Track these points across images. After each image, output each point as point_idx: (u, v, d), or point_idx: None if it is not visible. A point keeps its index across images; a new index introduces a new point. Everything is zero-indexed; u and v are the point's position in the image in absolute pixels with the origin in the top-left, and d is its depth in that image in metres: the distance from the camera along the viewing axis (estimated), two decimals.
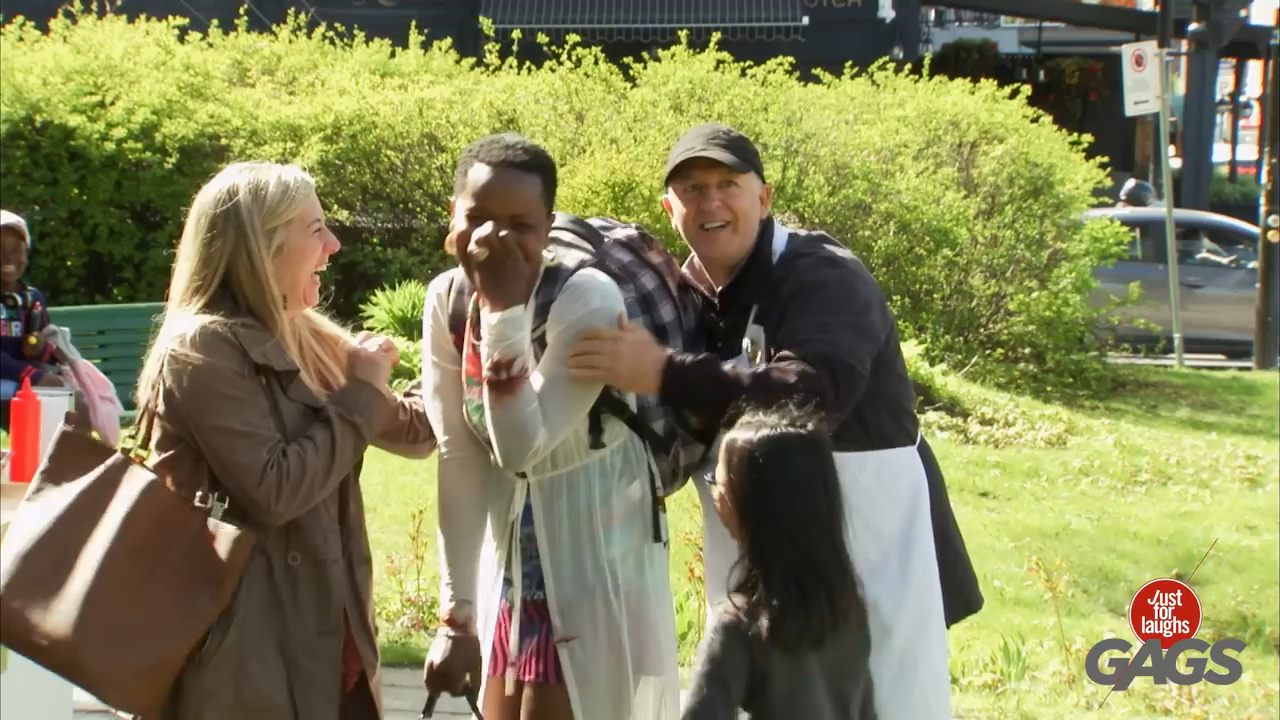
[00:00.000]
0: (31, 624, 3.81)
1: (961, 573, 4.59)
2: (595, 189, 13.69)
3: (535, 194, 3.99)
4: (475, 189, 3.99)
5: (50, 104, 15.61)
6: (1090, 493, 11.60)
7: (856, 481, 4.31)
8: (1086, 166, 17.35)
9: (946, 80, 18.07)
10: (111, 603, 3.80)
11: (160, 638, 3.81)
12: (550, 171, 4.07)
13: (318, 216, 4.03)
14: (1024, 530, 10.19)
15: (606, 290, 4.06)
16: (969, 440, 12.77)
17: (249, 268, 3.94)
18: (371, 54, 19.13)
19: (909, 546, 4.39)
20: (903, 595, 4.37)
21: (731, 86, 16.28)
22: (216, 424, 3.83)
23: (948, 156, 16.80)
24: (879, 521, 4.36)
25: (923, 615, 4.40)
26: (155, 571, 3.83)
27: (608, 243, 4.30)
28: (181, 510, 3.87)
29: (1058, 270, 16.51)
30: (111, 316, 11.60)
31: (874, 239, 15.70)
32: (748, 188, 4.45)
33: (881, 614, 4.30)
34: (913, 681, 4.36)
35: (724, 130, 4.52)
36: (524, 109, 16.06)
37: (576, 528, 4.10)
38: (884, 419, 4.42)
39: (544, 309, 4.04)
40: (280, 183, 3.97)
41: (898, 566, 4.37)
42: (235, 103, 16.54)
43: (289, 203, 3.96)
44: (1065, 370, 16.19)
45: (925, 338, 15.14)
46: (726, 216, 4.41)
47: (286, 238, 3.96)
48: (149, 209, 15.83)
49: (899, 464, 4.44)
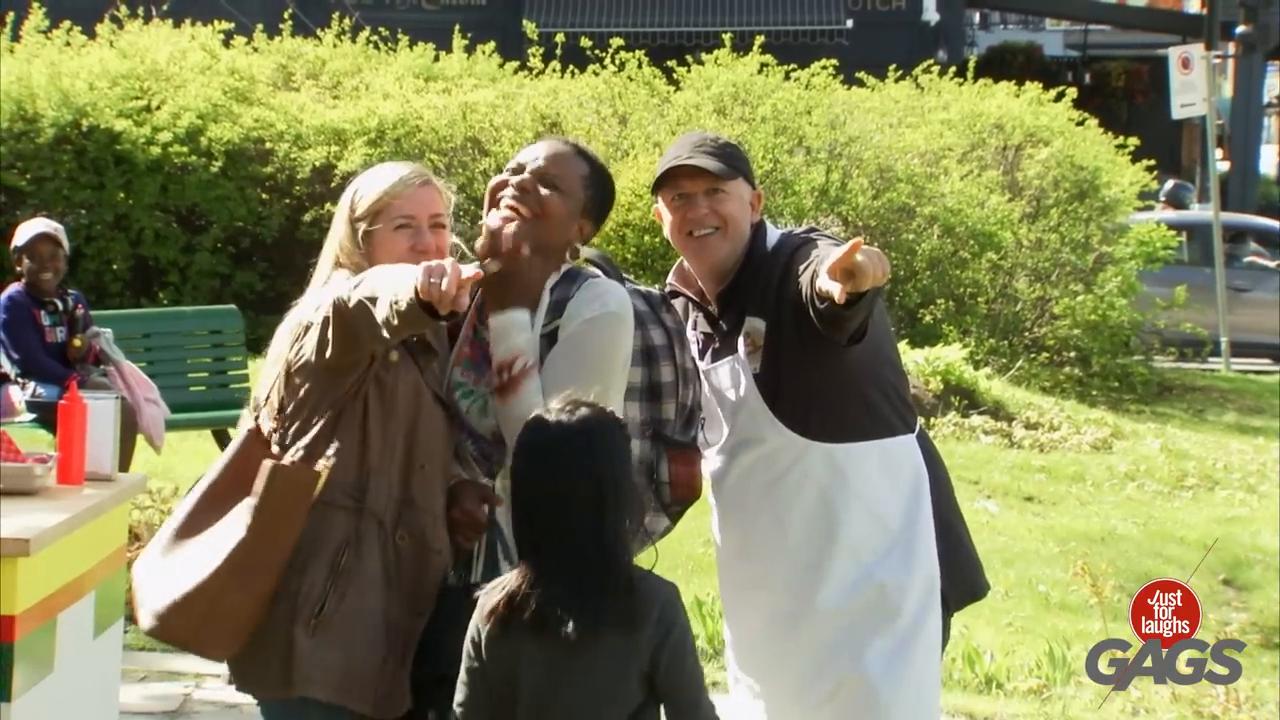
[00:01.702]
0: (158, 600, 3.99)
1: (964, 559, 4.60)
2: (638, 193, 13.68)
3: (577, 172, 4.15)
4: (525, 149, 4.24)
5: (96, 108, 15.71)
6: (1136, 497, 11.54)
7: (862, 473, 4.39)
8: (1132, 170, 17.27)
9: (991, 83, 18.01)
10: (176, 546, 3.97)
11: (195, 568, 3.92)
12: (598, 170, 4.20)
13: (407, 214, 4.11)
14: (1069, 535, 10.14)
15: (623, 299, 4.10)
16: (1014, 444, 12.72)
17: (346, 251, 4.11)
18: (415, 58, 19.18)
19: (913, 532, 4.42)
20: (908, 580, 4.40)
21: (775, 90, 16.26)
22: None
23: (992, 160, 16.74)
24: (883, 510, 4.41)
25: (925, 600, 4.43)
26: (219, 513, 3.97)
27: (629, 286, 4.30)
28: (258, 458, 3.96)
29: (1103, 274, 16.44)
30: (156, 320, 11.66)
31: (918, 242, 15.66)
32: (736, 193, 4.45)
33: (889, 597, 4.37)
34: (909, 664, 4.39)
35: (711, 138, 4.54)
36: (567, 112, 16.07)
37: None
38: (884, 407, 4.44)
39: (559, 306, 4.08)
40: (372, 177, 4.16)
41: (902, 554, 4.41)
42: (280, 106, 16.61)
43: (374, 197, 4.11)
44: (1111, 374, 16.12)
45: (970, 341, 15.09)
46: (715, 222, 4.42)
47: (372, 229, 4.09)
48: (194, 212, 15.91)
49: (901, 452, 4.46)
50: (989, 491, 11.15)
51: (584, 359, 4.01)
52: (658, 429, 4.28)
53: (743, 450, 4.47)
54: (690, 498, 4.37)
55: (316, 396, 3.99)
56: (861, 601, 4.37)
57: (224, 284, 15.70)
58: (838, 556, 4.38)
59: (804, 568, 4.40)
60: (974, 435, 12.69)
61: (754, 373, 4.40)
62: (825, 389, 4.37)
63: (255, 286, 15.63)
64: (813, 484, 4.39)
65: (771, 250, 4.44)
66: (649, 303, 4.30)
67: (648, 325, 4.25)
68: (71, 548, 4.64)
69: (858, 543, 4.39)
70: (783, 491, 4.42)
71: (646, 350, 4.24)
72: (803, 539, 4.41)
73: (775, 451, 4.41)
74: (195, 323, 11.44)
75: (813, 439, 4.38)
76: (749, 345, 4.39)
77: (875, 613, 4.37)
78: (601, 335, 4.05)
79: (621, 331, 4.08)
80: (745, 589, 4.57)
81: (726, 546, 4.63)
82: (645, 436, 4.25)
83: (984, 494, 11.04)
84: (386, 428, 3.98)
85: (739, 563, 4.59)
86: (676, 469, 4.29)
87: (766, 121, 15.68)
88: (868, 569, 4.38)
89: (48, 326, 8.92)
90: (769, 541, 4.46)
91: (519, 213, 4.10)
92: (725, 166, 4.41)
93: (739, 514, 4.53)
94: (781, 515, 4.42)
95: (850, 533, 4.38)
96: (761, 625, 4.53)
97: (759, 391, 4.39)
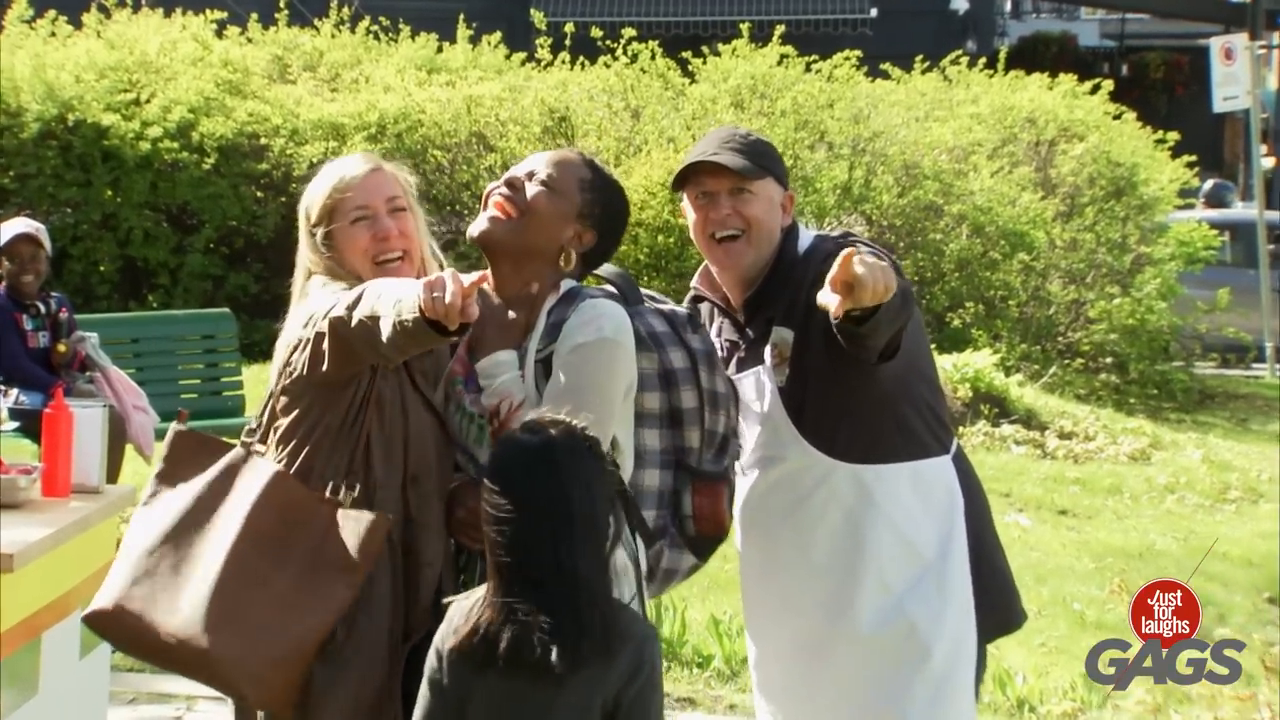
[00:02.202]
0: (155, 625, 3.91)
1: (998, 588, 4.53)
2: (651, 190, 13.69)
3: (575, 174, 4.12)
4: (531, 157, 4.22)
5: (83, 102, 15.74)
6: (1176, 511, 11.52)
7: (893, 495, 4.33)
8: (1172, 166, 17.25)
9: (1023, 75, 18.01)
10: (240, 595, 3.89)
11: (292, 626, 3.88)
12: (603, 178, 4.16)
13: (361, 204, 4.14)
14: (1105, 550, 10.13)
15: (619, 323, 4.02)
16: (1047, 455, 12.70)
17: (314, 261, 4.16)
18: (417, 49, 19.21)
19: (946, 562, 4.37)
20: (941, 614, 4.35)
21: (795, 82, 16.26)
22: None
23: (1024, 155, 16.73)
24: (916, 537, 4.35)
25: (960, 635, 4.39)
26: (284, 562, 3.93)
27: (646, 307, 4.24)
28: (309, 501, 3.97)
29: (1141, 275, 16.42)
30: (146, 324, 11.67)
31: (946, 242, 15.66)
32: (763, 194, 4.38)
33: (920, 634, 4.31)
34: (949, 707, 4.35)
35: (741, 134, 4.47)
36: (577, 106, 16.08)
37: None
38: (918, 426, 4.38)
39: (555, 329, 4.02)
40: (319, 180, 4.21)
41: (935, 584, 4.35)
42: (275, 100, 16.64)
43: (324, 197, 4.17)
44: (1149, 381, 16.09)
45: (1000, 347, 15.07)
46: (738, 225, 4.37)
47: (331, 229, 4.14)
48: (185, 211, 15.94)
49: (934, 474, 4.41)
50: (1021, 505, 11.14)
51: (576, 389, 3.92)
52: (681, 458, 4.22)
53: (765, 467, 4.43)
54: (717, 534, 4.29)
55: (316, 413, 4.01)
56: (891, 635, 4.33)
57: (217, 286, 15.72)
58: (865, 584, 4.33)
59: (829, 594, 4.36)
60: (1005, 445, 12.68)
61: (779, 386, 4.35)
62: (854, 406, 4.31)
63: (249, 289, 15.65)
64: (838, 506, 4.34)
65: (803, 255, 4.38)
66: (671, 323, 4.23)
67: (666, 347, 4.18)
68: (57, 563, 4.65)
69: (886, 570, 4.34)
70: (807, 513, 4.38)
71: (665, 374, 4.18)
72: (828, 563, 4.36)
73: (799, 470, 4.37)
74: (186, 327, 11.46)
75: (839, 458, 4.33)
76: (775, 357, 4.34)
77: (906, 650, 4.32)
78: (594, 362, 3.97)
79: (617, 357, 4.00)
80: (768, 611, 4.56)
81: (748, 566, 4.60)
82: (667, 466, 4.20)
83: (1015, 507, 11.03)
84: (388, 441, 4.00)
85: (761, 583, 4.57)
86: (700, 502, 4.23)
87: (786, 115, 15.68)
88: (897, 599, 4.33)
89: (30, 331, 8.94)
90: (792, 564, 4.42)
91: (505, 211, 4.08)
92: (752, 165, 4.35)
93: (761, 533, 4.50)
94: (805, 538, 4.38)
95: (878, 559, 4.33)
96: (786, 649, 4.51)
97: (783, 406, 4.34)
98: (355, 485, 3.97)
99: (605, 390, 3.96)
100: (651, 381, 4.15)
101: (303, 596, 3.90)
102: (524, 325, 4.06)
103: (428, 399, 4.08)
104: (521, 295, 4.09)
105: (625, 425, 4.04)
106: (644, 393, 4.12)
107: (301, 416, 4.03)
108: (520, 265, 4.08)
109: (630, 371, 4.04)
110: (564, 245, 4.11)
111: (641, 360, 4.10)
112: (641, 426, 4.15)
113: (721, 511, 4.26)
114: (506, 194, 4.10)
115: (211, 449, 4.11)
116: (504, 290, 4.10)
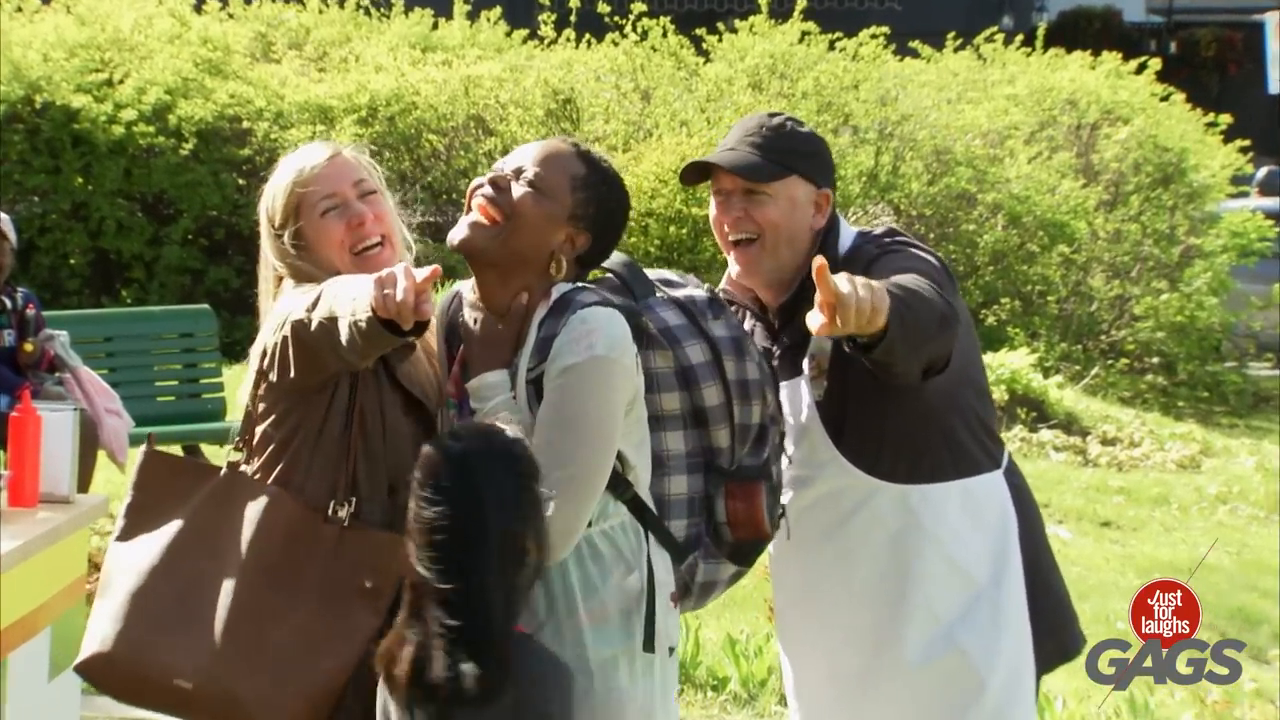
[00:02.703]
0: (167, 666, 3.89)
1: (1056, 612, 4.48)
2: (663, 178, 13.71)
3: (567, 172, 4.01)
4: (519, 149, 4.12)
5: (51, 82, 15.76)
6: (1228, 523, 11.51)
7: (941, 516, 4.28)
8: (1224, 151, 17.24)
9: (1063, 53, 18.01)
10: (258, 630, 3.88)
11: (319, 659, 3.87)
12: (599, 173, 4.06)
13: (328, 194, 4.13)
14: (1152, 565, 10.12)
15: (612, 336, 3.87)
16: (1089, 463, 12.70)
17: (284, 268, 4.14)
18: (411, 25, 19.24)
19: (1000, 587, 4.32)
20: (996, 643, 4.31)
21: (818, 61, 16.27)
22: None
23: (1064, 140, 16.73)
24: (967, 561, 4.30)
25: (1017, 665, 4.35)
26: (297, 593, 3.92)
27: (657, 299, 4.13)
28: (311, 524, 3.96)
29: (1191, 269, 16.41)
30: (119, 322, 11.66)
31: (979, 234, 15.65)
32: (782, 196, 4.28)
33: (973, 665, 4.27)
34: None
35: (773, 125, 4.36)
36: (583, 87, 16.10)
37: (555, 615, 3.93)
38: (967, 440, 4.32)
39: (545, 344, 3.90)
40: (276, 180, 4.19)
41: (989, 612, 4.31)
42: (258, 81, 16.67)
43: (285, 196, 4.16)
44: (1199, 383, 16.09)
45: (1038, 346, 15.08)
46: (750, 230, 4.30)
47: (300, 227, 4.13)
48: (162, 200, 15.95)
49: (985, 492, 4.35)
50: (1060, 516, 11.14)
51: (570, 420, 3.84)
52: (710, 459, 4.14)
53: (801, 486, 4.36)
54: (758, 539, 4.20)
55: (293, 421, 4.01)
56: (942, 668, 4.29)
57: (195, 281, 15.73)
58: (912, 613, 4.29)
59: (873, 624, 4.33)
60: (1043, 452, 12.68)
61: (817, 400, 4.29)
62: (898, 422, 4.25)
63: (231, 284, 15.65)
64: (882, 530, 4.29)
65: (844, 258, 4.26)
66: (688, 312, 4.11)
67: (683, 343, 4.07)
68: (24, 579, 4.65)
69: (935, 597, 4.29)
70: (847, 536, 4.33)
71: (682, 372, 4.07)
72: (871, 591, 4.32)
73: (839, 491, 4.32)
74: (163, 324, 11.45)
75: (883, 479, 4.27)
76: (813, 369, 4.28)
77: (959, 683, 4.28)
78: (586, 385, 3.84)
79: (613, 375, 3.86)
80: (807, 638, 4.52)
81: (783, 590, 4.57)
82: (695, 470, 4.13)
83: (1055, 519, 11.02)
84: (371, 453, 4.00)
85: (796, 609, 4.54)
86: (734, 507, 4.13)
87: (808, 97, 15.69)
88: (947, 629, 4.29)
89: None
90: (831, 591, 4.39)
91: (488, 216, 3.97)
92: (768, 164, 4.26)
93: (797, 556, 4.45)
94: (845, 563, 4.34)
95: (926, 586, 4.28)
96: (825, 681, 4.48)
97: (822, 422, 4.29)
98: (350, 501, 3.96)
99: (601, 415, 3.86)
100: (669, 381, 4.06)
101: (325, 628, 3.88)
102: (514, 340, 3.97)
103: (409, 399, 4.06)
104: (510, 306, 3.99)
105: (630, 440, 3.94)
106: (661, 393, 4.05)
107: (277, 425, 4.02)
108: (507, 275, 3.97)
109: (630, 385, 3.91)
110: (555, 251, 3.98)
111: (655, 359, 4.04)
112: (662, 430, 4.07)
113: (759, 515, 4.14)
114: (490, 195, 3.98)
115: (188, 474, 4.09)
116: (491, 302, 4.00)
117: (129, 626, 3.93)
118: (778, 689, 6.91)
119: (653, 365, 4.04)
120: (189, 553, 3.97)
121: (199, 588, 3.93)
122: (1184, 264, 16.47)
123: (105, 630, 3.96)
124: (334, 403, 3.99)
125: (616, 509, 3.95)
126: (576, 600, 3.91)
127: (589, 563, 3.92)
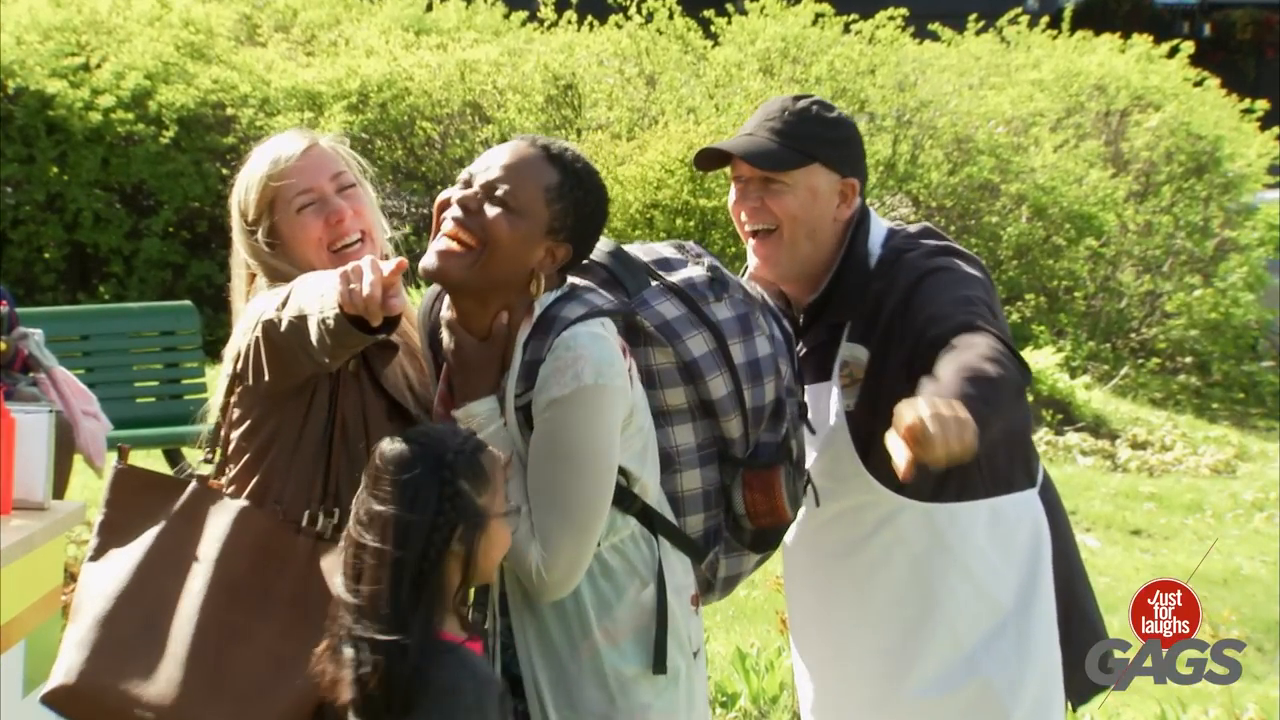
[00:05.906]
0: (130, 697, 3.89)
1: (1090, 641, 4.44)
2: (669, 167, 13.70)
3: (539, 183, 3.93)
4: (481, 156, 4.06)
5: (25, 67, 15.77)
6: (1265, 531, 11.51)
7: (968, 537, 4.25)
8: (1261, 139, 17.23)
9: (1091, 36, 18.00)
10: (222, 653, 3.88)
11: (291, 677, 3.86)
12: (572, 176, 3.98)
13: (304, 188, 4.11)
14: (1184, 575, 10.09)
15: (600, 361, 3.84)
16: (1118, 467, 12.71)
17: (257, 266, 4.12)
18: (404, 7, 19.23)
19: (1028, 613, 4.31)
20: (1021, 674, 4.29)
21: (832, 45, 16.28)
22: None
23: (1092, 128, 16.73)
24: (993, 585, 4.29)
25: (1044, 697, 4.34)
26: (266, 610, 3.92)
27: (652, 289, 4.08)
28: (283, 537, 3.96)
29: (1226, 264, 16.42)
30: (96, 319, 11.66)
31: (1002, 226, 15.65)
32: (802, 185, 4.23)
33: (997, 695, 4.26)
34: None
35: (797, 109, 4.29)
36: (585, 72, 16.10)
37: (569, 634, 3.95)
38: (1000, 455, 4.26)
39: (531, 369, 3.88)
40: (247, 174, 4.17)
41: (1015, 639, 4.29)
42: (243, 65, 16.66)
43: (258, 191, 4.13)
44: (1234, 384, 16.08)
45: (1065, 344, 15.08)
46: (768, 221, 4.27)
47: (274, 223, 4.11)
48: (141, 191, 15.96)
49: (1017, 512, 4.33)
50: (1088, 523, 11.15)
51: (565, 455, 3.83)
52: (723, 449, 4.12)
53: (821, 499, 4.31)
54: (779, 524, 4.17)
55: (270, 427, 4.02)
56: (963, 698, 4.28)
57: (177, 276, 15.74)
58: (933, 638, 4.28)
59: (891, 648, 4.31)
60: (1069, 456, 12.68)
61: (847, 409, 4.26)
62: None
63: (214, 279, 15.62)
64: (904, 550, 4.28)
65: (879, 259, 4.23)
66: (687, 299, 4.06)
67: (682, 336, 4.03)
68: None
69: (957, 623, 4.27)
70: (866, 555, 4.31)
71: (684, 367, 4.04)
72: (890, 614, 4.31)
73: (861, 507, 4.30)
74: (143, 322, 11.45)
75: (909, 496, 4.23)
76: (845, 377, 4.24)
77: (981, 714, 4.27)
78: (576, 418, 3.82)
79: (602, 401, 3.83)
80: (822, 658, 4.51)
81: (798, 606, 4.56)
82: (708, 462, 4.11)
83: (1082, 526, 11.03)
84: (352, 462, 3.98)
85: (809, 630, 4.53)
86: (752, 498, 4.12)
87: (822, 83, 15.68)
88: (970, 657, 4.27)
89: None
90: (848, 612, 4.38)
91: (460, 241, 3.90)
92: (787, 152, 4.21)
93: (811, 575, 4.45)
94: (863, 583, 4.33)
95: (949, 611, 4.27)
96: (839, 707, 4.47)
97: (850, 434, 4.26)
98: (332, 512, 3.96)
99: (597, 445, 3.85)
100: (670, 377, 4.05)
101: (294, 647, 3.86)
102: (499, 362, 3.95)
103: (393, 404, 4.05)
104: (491, 328, 3.96)
105: (631, 450, 3.93)
106: (664, 389, 4.04)
107: (253, 432, 4.03)
108: (485, 300, 3.94)
109: (624, 404, 3.89)
110: (534, 269, 3.93)
111: (655, 356, 4.03)
112: (669, 425, 4.06)
113: (780, 503, 4.12)
114: (459, 219, 3.91)
115: (161, 489, 4.09)
116: (470, 325, 3.96)
117: (93, 654, 3.94)
118: (790, 706, 6.91)
119: (653, 362, 4.04)
120: (156, 573, 3.98)
121: (165, 610, 3.93)
122: (1218, 258, 16.47)
123: (70, 660, 3.97)
124: (313, 408, 3.98)
125: (625, 522, 3.96)
126: (590, 620, 3.92)
127: (600, 580, 3.94)
